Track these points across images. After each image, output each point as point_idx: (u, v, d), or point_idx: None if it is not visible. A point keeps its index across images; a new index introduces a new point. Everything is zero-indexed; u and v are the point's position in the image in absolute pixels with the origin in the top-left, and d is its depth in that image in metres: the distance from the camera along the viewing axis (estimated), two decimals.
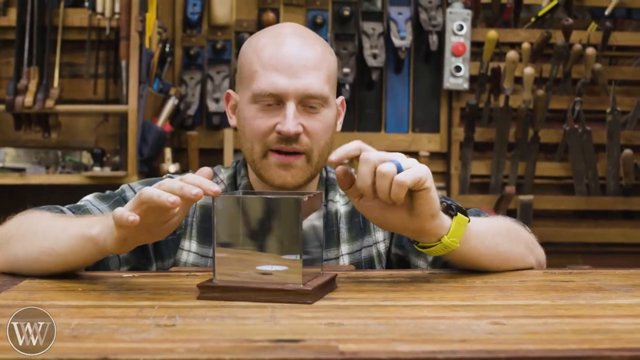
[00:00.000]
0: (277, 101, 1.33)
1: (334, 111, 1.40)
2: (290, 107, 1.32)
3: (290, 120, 1.32)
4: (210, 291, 1.04)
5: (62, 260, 1.15)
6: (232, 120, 1.44)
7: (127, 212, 1.02)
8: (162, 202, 1.01)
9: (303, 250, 1.03)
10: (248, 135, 1.36)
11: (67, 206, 1.33)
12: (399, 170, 1.06)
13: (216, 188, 1.05)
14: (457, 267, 1.32)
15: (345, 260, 1.43)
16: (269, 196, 1.08)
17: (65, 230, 1.16)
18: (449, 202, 1.16)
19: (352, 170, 1.11)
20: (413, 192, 1.09)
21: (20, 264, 1.19)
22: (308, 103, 1.34)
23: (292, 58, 1.33)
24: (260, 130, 1.34)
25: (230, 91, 1.45)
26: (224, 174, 1.48)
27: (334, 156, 1.08)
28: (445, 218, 1.14)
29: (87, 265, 1.20)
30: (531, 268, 1.31)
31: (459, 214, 1.14)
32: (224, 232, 1.06)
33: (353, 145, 1.10)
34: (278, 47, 1.34)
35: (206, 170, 1.10)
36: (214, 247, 1.06)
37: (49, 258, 1.16)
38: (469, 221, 1.16)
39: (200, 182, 1.05)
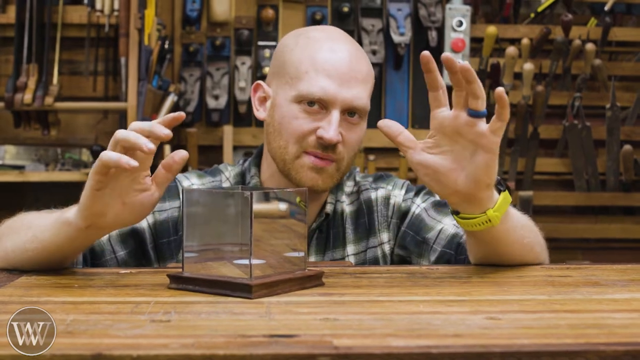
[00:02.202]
0: (322, 106, 1.33)
1: (366, 124, 1.41)
2: (336, 114, 1.32)
3: (335, 128, 1.32)
4: (174, 281, 1.06)
5: (45, 248, 1.15)
6: (260, 113, 1.41)
7: (116, 154, 1.01)
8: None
9: (255, 244, 1.01)
10: (284, 134, 1.35)
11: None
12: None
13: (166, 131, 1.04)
14: (459, 265, 1.32)
15: (351, 261, 1.43)
16: (226, 190, 1.08)
17: (47, 219, 1.16)
18: (497, 177, 1.13)
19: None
20: (478, 153, 1.06)
21: (10, 258, 1.19)
22: (351, 113, 1.34)
23: (346, 67, 1.33)
24: (300, 131, 1.33)
25: (262, 82, 1.42)
26: (230, 172, 1.47)
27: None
28: (494, 192, 1.11)
29: (71, 252, 1.18)
30: None
31: (507, 190, 1.13)
32: (191, 225, 1.07)
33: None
34: (332, 52, 1.34)
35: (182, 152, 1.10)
36: (184, 238, 1.07)
37: (33, 245, 1.15)
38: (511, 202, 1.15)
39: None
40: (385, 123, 1.11)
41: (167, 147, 3.11)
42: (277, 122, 1.36)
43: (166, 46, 3.14)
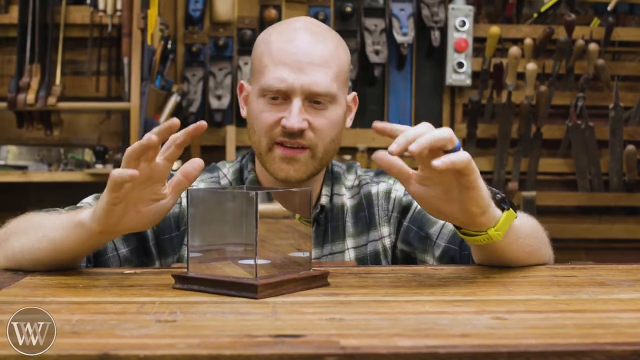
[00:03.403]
0: (283, 96, 1.33)
1: (343, 108, 1.39)
2: (296, 103, 1.32)
3: (295, 116, 1.31)
4: (179, 282, 1.05)
5: (55, 247, 1.15)
6: (244, 112, 1.44)
7: (124, 170, 1.01)
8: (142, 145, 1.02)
9: (260, 244, 1.01)
10: (256, 129, 1.36)
11: (66, 208, 1.32)
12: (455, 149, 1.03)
13: (176, 121, 1.05)
14: (465, 264, 1.32)
15: (350, 254, 1.42)
16: (231, 190, 1.07)
17: (58, 219, 1.16)
18: (502, 195, 1.13)
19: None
20: (461, 189, 1.05)
21: (18, 258, 1.19)
22: (314, 99, 1.34)
23: (301, 54, 1.33)
24: (266, 124, 1.34)
25: (243, 82, 1.45)
26: (228, 169, 1.47)
27: (395, 146, 1.01)
28: (495, 210, 1.11)
29: (82, 253, 1.18)
30: None
31: (510, 209, 1.12)
32: (196, 224, 1.07)
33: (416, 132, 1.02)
34: (288, 42, 1.34)
35: (198, 160, 1.10)
36: (188, 239, 1.07)
37: (41, 245, 1.15)
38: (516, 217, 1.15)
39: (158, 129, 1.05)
40: (376, 156, 1.05)
41: None
42: (250, 118, 1.39)
43: (169, 46, 3.14)
